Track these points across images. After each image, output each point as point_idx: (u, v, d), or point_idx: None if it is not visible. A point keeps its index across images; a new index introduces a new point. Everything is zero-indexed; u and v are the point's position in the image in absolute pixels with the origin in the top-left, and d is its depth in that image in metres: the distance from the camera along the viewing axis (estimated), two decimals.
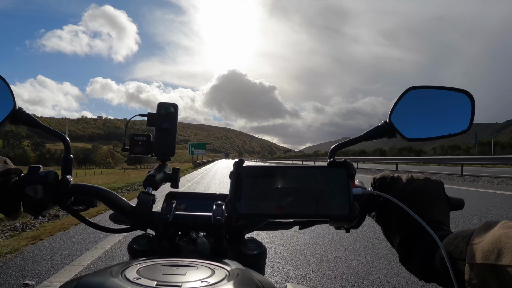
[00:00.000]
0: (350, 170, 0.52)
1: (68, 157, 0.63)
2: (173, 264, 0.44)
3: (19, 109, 0.62)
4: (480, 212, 5.20)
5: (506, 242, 0.33)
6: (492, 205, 5.81)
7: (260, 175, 0.53)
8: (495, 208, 5.53)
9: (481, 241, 0.35)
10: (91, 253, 3.40)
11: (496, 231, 0.35)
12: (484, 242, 0.35)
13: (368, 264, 3.04)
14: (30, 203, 0.56)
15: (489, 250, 0.33)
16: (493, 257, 0.33)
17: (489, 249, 0.33)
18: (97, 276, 0.40)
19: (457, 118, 0.56)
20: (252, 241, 0.61)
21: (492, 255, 0.33)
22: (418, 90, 0.57)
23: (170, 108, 0.67)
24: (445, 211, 0.50)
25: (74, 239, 3.99)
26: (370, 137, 0.59)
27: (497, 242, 0.33)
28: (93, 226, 0.63)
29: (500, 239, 0.33)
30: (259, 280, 0.43)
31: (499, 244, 0.33)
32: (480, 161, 14.29)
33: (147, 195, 0.59)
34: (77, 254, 3.36)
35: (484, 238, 0.35)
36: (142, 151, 0.67)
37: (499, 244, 0.33)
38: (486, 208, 5.57)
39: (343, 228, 0.55)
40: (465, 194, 7.16)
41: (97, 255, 3.32)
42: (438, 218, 0.48)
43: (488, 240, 0.34)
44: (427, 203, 0.50)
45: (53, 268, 2.96)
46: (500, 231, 0.35)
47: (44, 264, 3.08)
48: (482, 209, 5.42)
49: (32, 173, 0.58)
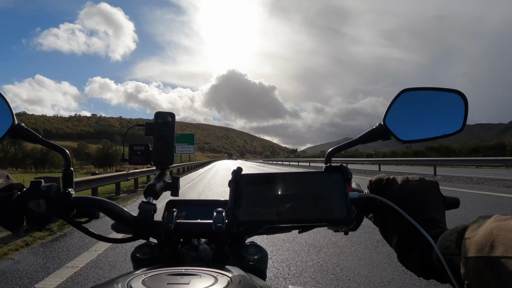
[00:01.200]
0: (346, 174, 0.53)
1: (69, 170, 0.64)
2: (177, 273, 0.45)
3: (18, 124, 0.63)
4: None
5: (498, 234, 0.33)
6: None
7: (258, 182, 0.54)
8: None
9: (474, 235, 0.36)
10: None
11: (488, 225, 0.36)
12: (477, 235, 0.36)
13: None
14: (34, 217, 0.57)
15: (482, 243, 0.34)
16: (486, 250, 0.33)
17: (482, 242, 0.34)
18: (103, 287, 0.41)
19: (450, 118, 0.56)
20: (253, 245, 0.62)
21: (485, 248, 0.34)
22: (412, 92, 0.58)
23: (167, 117, 0.67)
24: (441, 210, 0.51)
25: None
26: (365, 140, 0.60)
27: (489, 235, 0.34)
28: (97, 237, 0.64)
29: (493, 232, 0.34)
30: (261, 286, 0.44)
31: (491, 237, 0.34)
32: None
33: (148, 205, 0.60)
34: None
35: (477, 232, 0.36)
36: (141, 161, 0.68)
37: (492, 237, 0.34)
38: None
39: (341, 231, 0.56)
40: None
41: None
42: (434, 216, 0.49)
43: (481, 233, 0.35)
44: (423, 202, 0.50)
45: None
46: (492, 224, 0.36)
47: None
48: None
49: (34, 187, 0.58)
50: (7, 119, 0.62)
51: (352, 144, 0.60)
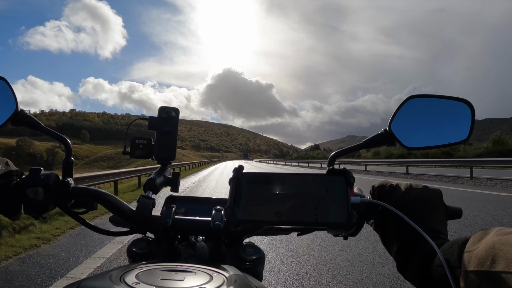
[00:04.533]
0: (349, 178, 0.52)
1: (69, 159, 0.64)
2: (172, 269, 0.45)
3: (21, 111, 0.63)
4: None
5: (500, 249, 0.33)
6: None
7: (259, 181, 0.53)
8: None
9: (475, 248, 0.35)
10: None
11: (490, 238, 0.35)
12: (478, 249, 0.35)
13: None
14: (31, 204, 0.57)
15: (483, 257, 0.33)
16: (487, 264, 0.33)
17: (484, 256, 0.34)
18: (96, 280, 0.40)
19: (457, 127, 0.56)
20: (250, 246, 0.61)
21: (486, 262, 0.33)
22: (419, 99, 0.57)
23: (171, 112, 0.67)
24: (443, 220, 0.51)
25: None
26: (370, 145, 0.59)
27: (491, 249, 0.33)
28: (93, 228, 0.64)
29: (494, 246, 0.33)
30: (256, 286, 0.44)
31: (493, 251, 0.33)
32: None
33: (147, 199, 0.60)
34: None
35: (479, 245, 0.35)
36: (143, 155, 0.67)
37: (493, 251, 0.33)
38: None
39: (341, 236, 0.56)
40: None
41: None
42: (436, 227, 0.49)
43: (483, 247, 0.35)
44: (426, 212, 0.50)
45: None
46: (494, 238, 0.35)
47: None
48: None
49: (33, 175, 0.58)
50: (10, 105, 0.62)
51: (356, 148, 0.60)
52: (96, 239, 3.96)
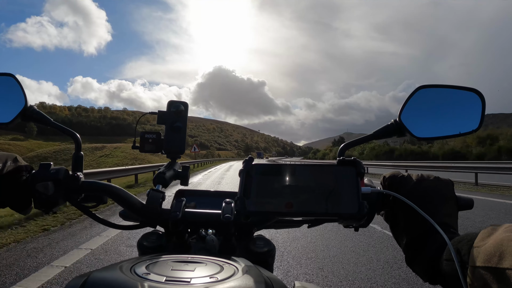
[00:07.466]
0: (360, 168, 0.52)
1: (79, 154, 0.64)
2: (182, 260, 0.45)
3: (30, 106, 0.64)
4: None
5: (508, 245, 0.33)
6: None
7: (269, 172, 0.53)
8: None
9: (484, 244, 0.36)
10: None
11: (499, 234, 0.35)
12: (486, 245, 0.35)
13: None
14: (41, 199, 0.57)
15: (491, 253, 0.34)
16: (495, 260, 0.33)
17: (491, 252, 0.34)
18: (106, 271, 0.40)
19: (467, 117, 0.56)
20: (260, 238, 0.61)
21: (494, 258, 0.33)
22: (428, 89, 0.57)
23: (180, 106, 0.67)
24: (454, 213, 0.51)
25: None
26: (379, 136, 0.59)
27: (499, 245, 0.34)
28: (103, 222, 0.64)
29: (503, 242, 0.34)
30: (268, 277, 0.43)
31: (501, 247, 0.33)
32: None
33: (156, 192, 0.60)
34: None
35: (487, 241, 0.36)
36: (152, 149, 0.68)
37: (501, 247, 0.33)
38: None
39: (352, 227, 0.55)
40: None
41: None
42: (446, 220, 0.48)
43: (491, 243, 0.35)
44: (437, 204, 0.50)
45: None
46: (502, 234, 0.35)
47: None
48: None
49: (43, 170, 0.58)
50: (19, 101, 0.63)
51: (366, 140, 0.59)
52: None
